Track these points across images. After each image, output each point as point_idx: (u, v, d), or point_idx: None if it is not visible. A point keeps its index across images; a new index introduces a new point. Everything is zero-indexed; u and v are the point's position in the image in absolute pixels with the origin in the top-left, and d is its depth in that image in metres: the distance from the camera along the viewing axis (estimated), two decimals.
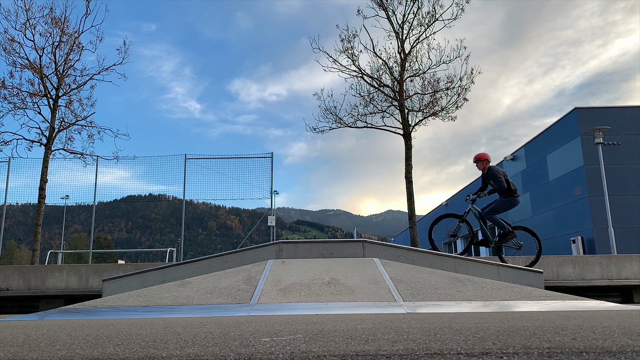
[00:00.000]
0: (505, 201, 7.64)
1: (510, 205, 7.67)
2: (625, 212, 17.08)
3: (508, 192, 7.66)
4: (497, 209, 7.73)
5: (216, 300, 4.97)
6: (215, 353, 1.72)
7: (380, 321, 2.82)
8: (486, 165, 7.93)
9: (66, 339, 2.14)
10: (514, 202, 7.69)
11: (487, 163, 7.95)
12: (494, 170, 7.75)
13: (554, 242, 20.28)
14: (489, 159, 8.02)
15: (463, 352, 1.64)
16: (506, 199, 7.64)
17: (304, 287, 5.35)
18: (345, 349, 1.74)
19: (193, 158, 15.18)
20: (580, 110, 18.76)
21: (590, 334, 1.99)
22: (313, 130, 14.85)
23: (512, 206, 7.69)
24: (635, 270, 9.43)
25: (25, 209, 47.64)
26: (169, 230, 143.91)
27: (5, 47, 13.07)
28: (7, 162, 14.66)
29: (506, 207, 7.67)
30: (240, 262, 7.27)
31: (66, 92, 13.66)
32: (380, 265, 6.40)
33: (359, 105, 14.67)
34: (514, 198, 7.68)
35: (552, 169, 20.49)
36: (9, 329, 2.71)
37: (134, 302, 5.03)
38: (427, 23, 14.14)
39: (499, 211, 7.72)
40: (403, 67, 14.24)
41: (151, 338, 2.14)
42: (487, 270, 6.94)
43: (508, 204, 7.65)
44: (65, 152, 13.83)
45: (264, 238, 21.41)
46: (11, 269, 9.88)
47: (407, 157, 13.83)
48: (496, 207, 7.75)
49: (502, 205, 7.68)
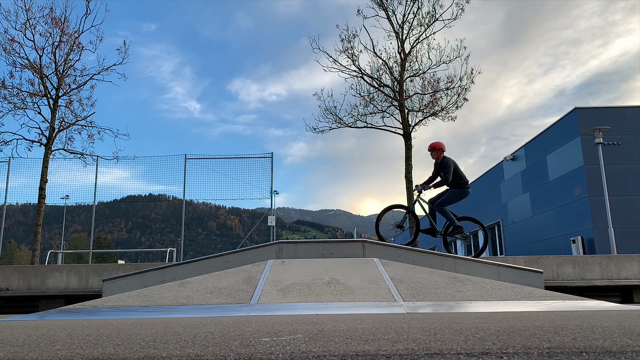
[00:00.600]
0: (456, 192, 7.69)
1: (461, 196, 7.73)
2: (625, 212, 17.07)
3: (458, 183, 7.67)
4: (448, 200, 7.74)
5: (216, 300, 4.97)
6: (215, 353, 1.72)
7: (380, 321, 2.82)
8: (440, 155, 7.85)
9: (66, 339, 2.14)
10: (465, 193, 7.76)
11: (441, 152, 7.87)
12: (446, 161, 7.69)
13: (554, 242, 20.27)
14: (443, 148, 7.93)
15: (463, 352, 1.64)
16: (457, 190, 7.69)
17: (304, 287, 5.35)
18: (345, 349, 1.74)
19: (193, 158, 15.18)
20: (580, 110, 18.76)
21: (590, 334, 1.99)
22: (313, 130, 14.88)
23: (463, 196, 7.75)
24: (635, 270, 9.43)
25: (25, 209, 47.68)
26: (169, 230, 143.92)
27: (5, 47, 13.09)
28: (7, 162, 14.66)
29: (457, 198, 7.71)
30: (240, 262, 7.27)
31: (66, 92, 13.67)
32: (380, 265, 6.40)
33: (359, 105, 14.70)
34: (465, 189, 7.74)
35: (552, 169, 20.49)
36: (9, 329, 2.71)
37: (134, 302, 5.03)
38: (427, 23, 14.16)
39: (450, 202, 7.74)
40: (403, 67, 14.24)
41: (151, 338, 2.14)
42: (487, 270, 6.93)
43: (459, 194, 7.70)
44: (65, 152, 13.86)
45: (264, 238, 21.42)
46: (11, 269, 9.88)
47: (407, 157, 13.84)
48: (448, 197, 7.75)
49: (453, 196, 7.71)
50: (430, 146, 7.96)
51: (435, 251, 7.66)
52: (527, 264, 8.88)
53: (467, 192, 7.80)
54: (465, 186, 7.76)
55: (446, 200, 7.75)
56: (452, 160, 7.78)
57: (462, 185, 7.72)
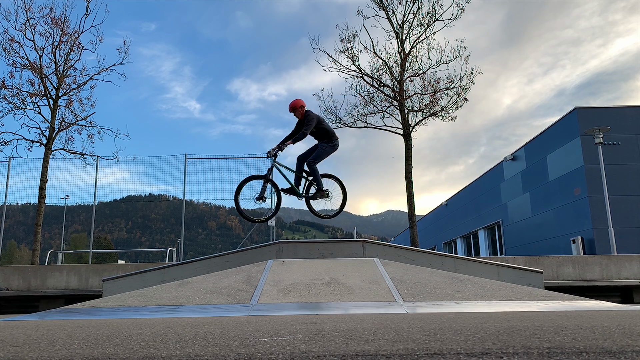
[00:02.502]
0: (326, 146, 7.41)
1: (331, 150, 7.47)
2: (625, 212, 17.07)
3: (328, 137, 7.41)
4: (319, 156, 7.41)
5: (216, 300, 4.97)
6: (215, 353, 1.72)
7: (380, 321, 2.82)
8: (303, 112, 7.40)
9: (66, 339, 2.14)
10: (335, 146, 7.50)
11: (303, 109, 7.42)
12: (309, 114, 7.30)
13: (554, 242, 20.28)
14: (304, 104, 7.48)
15: (463, 352, 1.64)
16: (327, 145, 7.42)
17: (304, 287, 5.35)
18: (345, 349, 1.74)
19: (193, 158, 15.18)
20: (580, 110, 18.76)
21: (590, 334, 1.99)
22: None
23: (333, 150, 7.50)
24: (635, 270, 9.43)
25: (25, 209, 47.65)
26: (169, 230, 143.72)
27: (5, 47, 13.09)
28: (7, 162, 14.66)
29: (328, 152, 7.45)
30: (240, 262, 7.28)
31: (66, 92, 13.66)
32: (380, 265, 6.40)
33: (359, 105, 14.69)
34: (334, 142, 7.47)
35: (552, 169, 20.49)
36: (9, 329, 2.71)
37: (134, 302, 5.03)
38: (427, 23, 14.15)
39: (321, 157, 7.43)
40: (403, 67, 14.24)
41: (151, 338, 2.14)
42: (487, 270, 6.94)
43: (329, 148, 7.44)
44: (65, 152, 13.85)
45: (264, 238, 21.42)
46: (11, 269, 9.88)
47: (407, 157, 13.84)
48: (319, 153, 7.40)
49: (324, 151, 7.42)
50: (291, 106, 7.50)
51: (435, 251, 7.65)
52: (527, 264, 8.89)
53: (336, 145, 7.52)
54: (334, 138, 7.47)
55: (317, 156, 7.38)
56: (316, 114, 7.46)
57: (331, 139, 7.43)
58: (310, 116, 7.27)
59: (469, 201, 31.25)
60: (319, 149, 7.42)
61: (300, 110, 7.42)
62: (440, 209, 38.36)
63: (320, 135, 7.41)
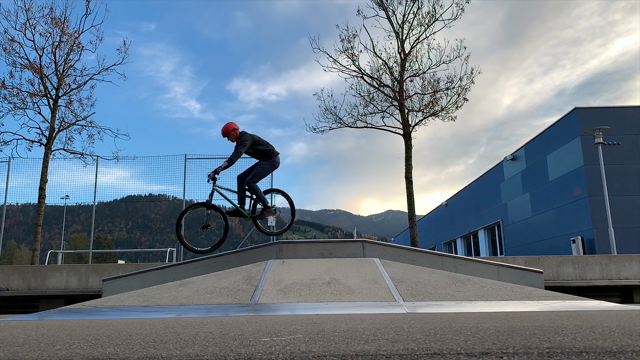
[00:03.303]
0: (266, 164, 7.25)
1: (271, 168, 7.31)
2: (625, 212, 17.07)
3: (266, 155, 7.23)
4: (259, 174, 7.21)
5: (216, 300, 4.97)
6: (215, 353, 1.72)
7: (380, 321, 2.82)
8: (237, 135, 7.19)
9: (66, 339, 2.14)
10: (275, 163, 7.31)
11: (236, 132, 7.21)
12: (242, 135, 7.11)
13: (554, 242, 20.28)
14: (236, 127, 7.26)
15: (463, 352, 1.64)
16: (266, 162, 7.25)
17: (304, 287, 5.35)
18: (345, 349, 1.74)
19: (193, 158, 15.18)
20: (580, 110, 18.76)
21: (590, 334, 1.99)
22: (313, 130, 14.87)
23: (273, 168, 7.34)
24: (635, 270, 9.43)
25: (25, 209, 47.55)
26: (169, 230, 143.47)
27: (5, 47, 13.10)
28: (7, 162, 14.66)
29: (267, 170, 7.30)
30: (240, 262, 7.28)
31: (66, 92, 13.67)
32: (380, 265, 6.40)
33: (359, 105, 14.70)
34: (273, 159, 7.27)
35: (552, 169, 20.50)
36: (9, 329, 2.71)
37: (134, 302, 5.03)
38: (427, 23, 14.16)
39: (261, 176, 7.24)
40: (403, 67, 14.25)
41: (151, 338, 2.14)
42: (487, 270, 6.94)
43: (269, 166, 7.28)
44: (65, 152, 13.86)
45: (264, 238, 21.39)
46: (11, 269, 9.88)
47: (407, 157, 13.84)
48: (258, 172, 7.21)
49: (263, 170, 7.25)
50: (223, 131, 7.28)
51: (435, 251, 7.65)
52: (527, 264, 8.89)
53: (276, 162, 7.32)
54: (273, 156, 7.25)
55: (256, 175, 7.20)
56: (251, 134, 7.23)
57: (270, 156, 7.24)
58: (244, 137, 7.09)
59: (469, 201, 31.25)
60: (258, 168, 7.24)
61: (233, 134, 7.20)
62: (440, 209, 38.36)
63: (259, 154, 7.24)
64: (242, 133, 7.19)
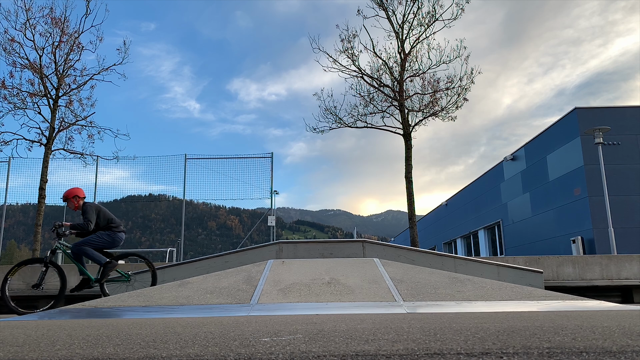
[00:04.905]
0: (104, 235, 6.71)
1: (111, 241, 6.74)
2: (625, 212, 17.08)
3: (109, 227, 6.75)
4: (93, 242, 6.64)
5: (216, 300, 4.97)
6: (215, 353, 1.72)
7: (380, 321, 2.82)
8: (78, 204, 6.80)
9: (66, 339, 2.14)
10: (116, 239, 6.77)
11: (79, 200, 6.83)
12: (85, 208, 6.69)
13: (554, 242, 20.28)
14: (80, 194, 6.87)
15: (463, 352, 1.64)
16: (105, 233, 6.72)
17: (304, 287, 5.35)
18: (345, 349, 1.74)
19: (193, 158, 15.20)
20: (580, 110, 18.76)
21: (590, 334, 1.99)
22: (313, 130, 14.88)
23: (113, 242, 6.77)
24: (635, 270, 9.44)
25: (25, 209, 47.58)
26: (169, 230, 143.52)
27: (5, 47, 13.09)
28: (7, 162, 14.67)
29: (105, 242, 6.71)
30: (240, 262, 7.28)
31: (66, 92, 13.67)
32: (380, 265, 6.40)
33: (359, 105, 14.70)
34: (116, 233, 6.76)
35: (552, 169, 20.50)
36: (9, 329, 2.71)
37: (134, 302, 5.02)
38: (427, 23, 14.16)
39: (94, 245, 6.65)
40: (403, 67, 14.25)
41: (151, 338, 2.14)
42: (487, 270, 6.94)
43: (108, 237, 6.72)
44: (65, 152, 13.87)
45: (264, 238, 21.41)
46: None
47: (407, 157, 13.84)
48: (92, 239, 6.65)
49: (100, 240, 6.68)
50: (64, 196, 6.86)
51: (435, 251, 7.66)
52: (527, 264, 8.89)
53: (119, 237, 6.82)
54: (117, 230, 6.78)
55: (90, 242, 6.64)
56: (97, 205, 6.89)
57: (112, 229, 6.74)
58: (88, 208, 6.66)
59: (469, 201, 31.25)
60: (94, 235, 6.70)
61: (73, 202, 6.79)
62: (440, 209, 38.35)
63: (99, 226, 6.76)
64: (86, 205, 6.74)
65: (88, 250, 6.62)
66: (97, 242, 6.68)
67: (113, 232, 6.76)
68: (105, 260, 6.63)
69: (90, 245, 6.64)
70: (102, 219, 6.75)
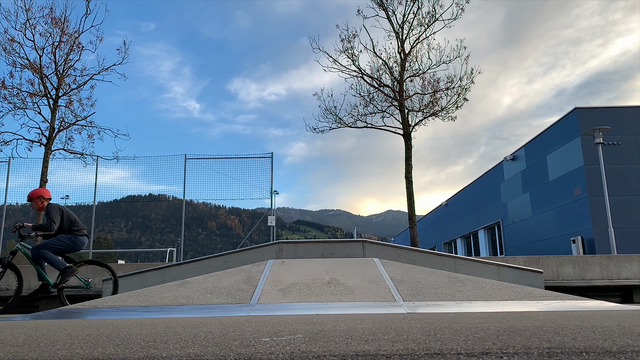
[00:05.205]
0: (65, 238, 6.53)
1: (72, 245, 6.57)
2: (625, 212, 17.08)
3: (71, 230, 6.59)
4: (53, 245, 6.45)
5: (216, 300, 4.97)
6: (215, 353, 1.72)
7: (380, 321, 2.81)
8: (42, 205, 6.66)
9: (66, 339, 2.14)
10: (78, 242, 6.60)
11: (43, 200, 6.68)
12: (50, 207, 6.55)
13: (554, 242, 20.28)
14: (45, 195, 6.72)
15: (463, 352, 1.64)
16: (67, 237, 6.55)
17: (304, 287, 5.35)
18: (345, 349, 1.74)
19: (193, 158, 15.20)
20: (580, 110, 18.76)
21: (590, 334, 1.99)
22: (313, 130, 14.89)
23: (75, 246, 6.60)
24: (635, 270, 9.44)
25: (25, 209, 47.65)
26: (169, 230, 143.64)
27: (5, 47, 13.11)
28: (7, 162, 14.67)
29: (66, 245, 6.53)
30: (240, 262, 7.28)
31: (66, 92, 13.68)
32: (380, 265, 6.40)
33: (359, 105, 14.71)
34: (77, 237, 6.59)
35: (552, 169, 20.50)
36: (9, 329, 2.71)
37: (134, 302, 5.02)
38: (427, 23, 14.17)
39: (55, 248, 6.47)
40: (403, 67, 14.25)
41: (151, 338, 2.14)
42: (487, 270, 6.94)
43: (69, 242, 6.54)
44: (65, 152, 13.88)
45: (264, 238, 21.42)
46: None
47: (407, 157, 13.85)
48: (53, 242, 6.45)
49: (61, 243, 6.49)
50: (28, 196, 6.72)
51: (435, 251, 7.66)
52: (527, 264, 8.89)
53: (81, 241, 6.65)
54: (79, 234, 6.62)
55: (50, 245, 6.44)
56: (61, 206, 6.71)
57: (74, 232, 6.58)
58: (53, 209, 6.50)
59: (469, 201, 31.25)
60: (56, 238, 6.52)
61: (37, 202, 6.64)
62: (440, 209, 38.36)
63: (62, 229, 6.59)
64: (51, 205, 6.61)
65: (47, 254, 6.43)
66: (57, 245, 6.48)
67: (74, 236, 6.58)
68: (64, 265, 6.46)
69: (49, 249, 6.45)
70: (66, 220, 6.57)
